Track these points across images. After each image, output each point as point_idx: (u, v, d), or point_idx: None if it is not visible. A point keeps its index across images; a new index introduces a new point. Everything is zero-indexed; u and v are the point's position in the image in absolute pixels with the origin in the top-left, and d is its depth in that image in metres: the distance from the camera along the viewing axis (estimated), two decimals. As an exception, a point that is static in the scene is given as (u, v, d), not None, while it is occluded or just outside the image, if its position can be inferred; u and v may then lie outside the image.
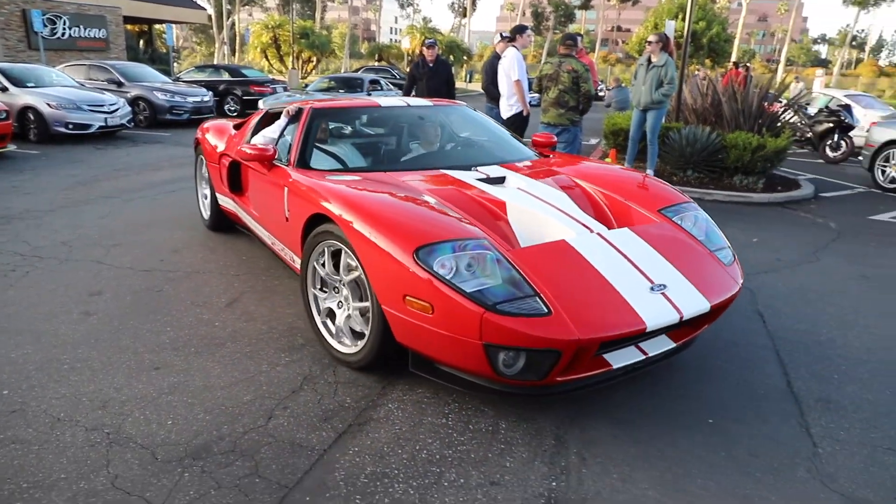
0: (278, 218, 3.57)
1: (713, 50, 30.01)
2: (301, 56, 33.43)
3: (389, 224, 2.62)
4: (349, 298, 2.95)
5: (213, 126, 5.33)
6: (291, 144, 3.74)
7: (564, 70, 6.21)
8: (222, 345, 3.22)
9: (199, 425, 2.51)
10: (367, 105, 4.42)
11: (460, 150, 4.21)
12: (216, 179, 4.90)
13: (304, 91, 14.80)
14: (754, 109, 8.82)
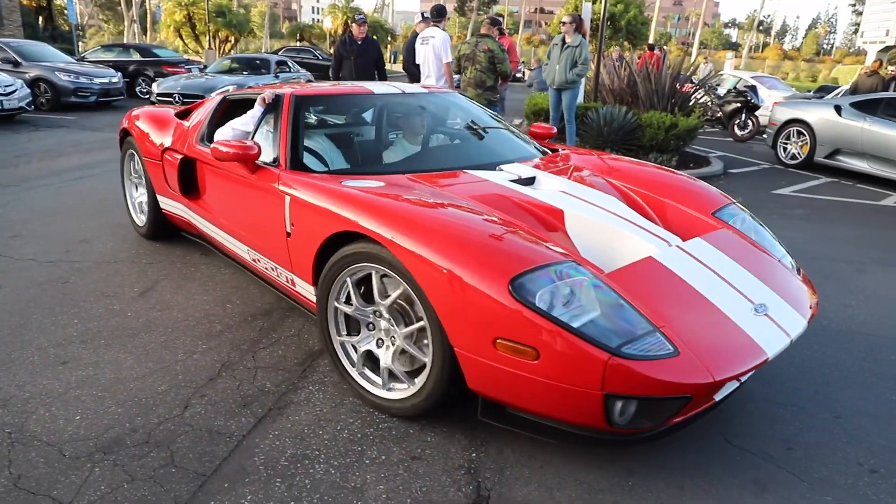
0: (271, 232, 2.94)
1: (631, 32, 30.95)
2: (218, 36, 32.13)
3: (468, 248, 2.10)
4: (392, 329, 2.42)
5: (148, 114, 4.50)
6: (277, 141, 3.13)
7: (481, 50, 6.26)
8: (135, 335, 3.10)
9: (111, 419, 2.42)
10: (358, 92, 3.76)
11: (471, 145, 3.62)
12: (158, 179, 4.16)
13: (204, 74, 13.70)
14: (667, 90, 9.18)
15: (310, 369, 2.82)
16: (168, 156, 4.02)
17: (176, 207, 4.09)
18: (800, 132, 9.22)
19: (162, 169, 4.09)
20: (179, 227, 4.28)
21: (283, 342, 3.06)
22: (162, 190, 4.16)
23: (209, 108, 4.03)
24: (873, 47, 20.01)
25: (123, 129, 4.63)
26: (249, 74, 13.07)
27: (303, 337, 3.12)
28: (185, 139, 3.93)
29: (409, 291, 2.22)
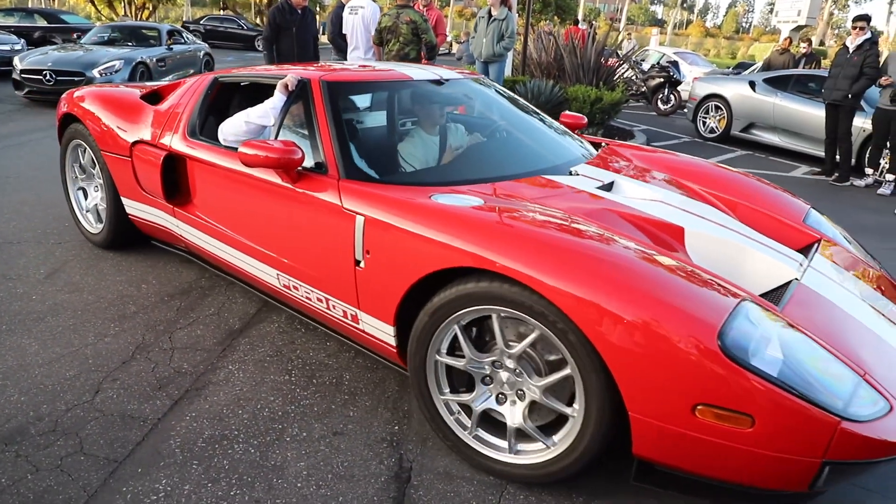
0: (327, 257, 2.37)
1: (560, 7, 31.15)
2: (134, 2, 30.32)
3: (656, 292, 1.70)
4: (521, 381, 1.98)
5: (102, 96, 3.70)
6: (314, 139, 2.54)
7: (403, 21, 6.16)
8: (41, 319, 2.93)
9: (13, 408, 2.29)
10: (396, 78, 3.07)
11: (526, 141, 3.15)
12: (124, 179, 3.44)
13: (79, 45, 10.72)
14: (593, 64, 9.34)
15: (229, 349, 2.75)
16: (141, 151, 3.29)
17: (152, 214, 3.38)
18: (717, 107, 9.60)
19: (131, 167, 3.36)
20: (153, 237, 3.63)
21: (202, 321, 2.97)
22: (130, 192, 3.45)
23: (195, 91, 3.31)
24: (786, 26, 20.98)
25: (66, 114, 3.81)
26: (136, 46, 10.73)
27: (222, 315, 3.04)
28: (166, 130, 3.22)
29: (549, 337, 1.81)
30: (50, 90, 8.81)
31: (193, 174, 3.08)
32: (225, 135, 2.88)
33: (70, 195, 3.99)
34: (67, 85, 8.34)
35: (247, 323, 2.97)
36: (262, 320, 3.01)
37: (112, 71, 9.22)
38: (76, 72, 8.91)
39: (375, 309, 2.24)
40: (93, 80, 8.75)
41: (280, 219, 2.56)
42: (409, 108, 3.14)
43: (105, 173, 3.57)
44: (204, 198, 3.07)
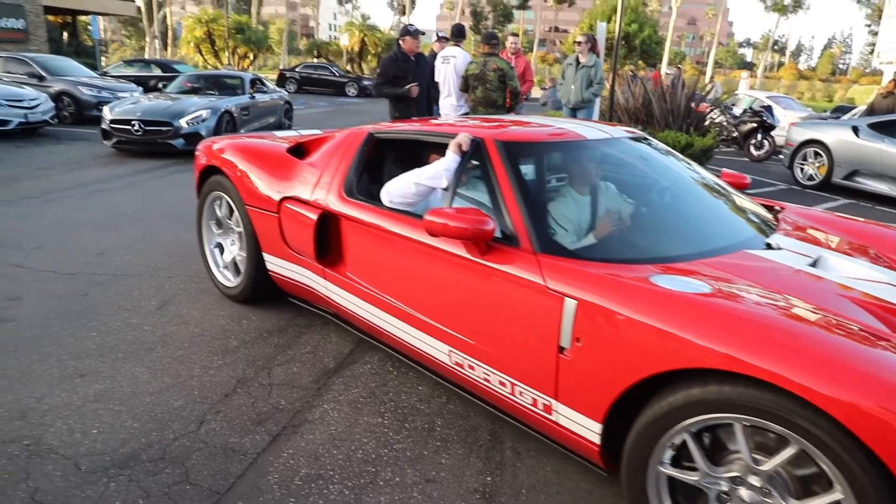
0: (519, 340, 2.14)
1: (645, 52, 30.99)
2: (237, 52, 32.62)
3: None
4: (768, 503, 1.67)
5: (247, 148, 3.64)
6: (498, 206, 2.33)
7: (490, 69, 6.31)
8: (152, 349, 3.12)
9: (127, 433, 2.43)
10: (572, 138, 2.80)
11: (714, 209, 2.85)
12: (269, 235, 3.35)
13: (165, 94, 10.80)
14: (683, 109, 9.18)
15: (324, 388, 2.82)
16: (291, 208, 3.17)
17: (297, 273, 3.26)
18: (817, 153, 9.17)
19: (278, 224, 3.26)
20: (293, 295, 3.49)
21: (298, 359, 3.07)
22: (274, 249, 3.35)
23: (348, 147, 3.16)
24: (889, 67, 19.90)
25: (207, 165, 3.78)
26: (220, 95, 10.56)
27: (318, 354, 3.13)
28: (320, 187, 3.09)
29: (813, 454, 1.53)
30: (138, 140, 8.97)
31: (350, 235, 2.92)
32: (391, 196, 2.69)
33: (205, 246, 3.95)
34: (155, 135, 8.89)
35: (341, 362, 3.05)
36: (356, 361, 3.08)
37: (199, 120, 9.23)
38: (164, 122, 8.98)
39: (579, 402, 1.98)
40: (180, 130, 8.97)
41: (459, 292, 2.35)
42: (583, 168, 2.79)
43: (248, 228, 3.47)
44: (362, 261, 2.89)
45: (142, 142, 8.96)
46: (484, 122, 2.96)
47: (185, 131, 9.00)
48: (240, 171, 3.50)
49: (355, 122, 15.64)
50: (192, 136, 8.92)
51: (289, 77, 26.76)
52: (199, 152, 3.95)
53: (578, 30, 30.26)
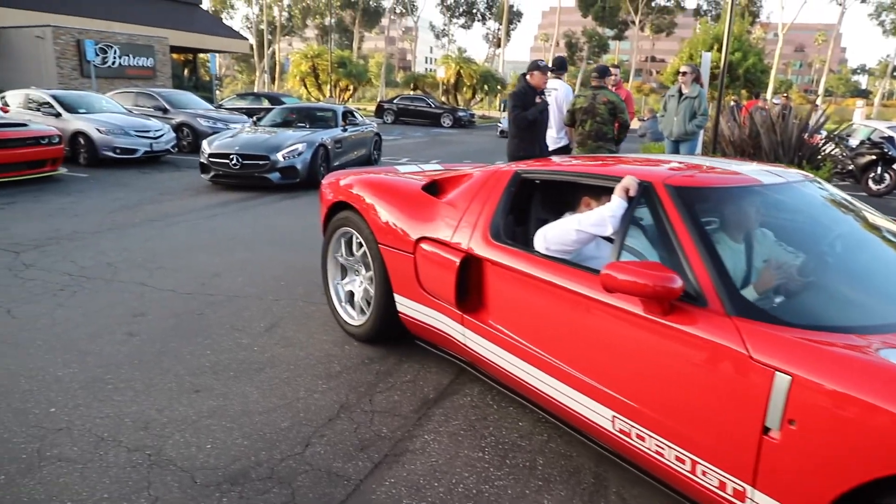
0: (712, 416, 1.89)
1: (749, 81, 29.74)
2: (339, 84, 34.18)
3: None
4: None
5: (380, 185, 3.54)
6: (683, 262, 2.06)
7: (600, 102, 6.26)
8: (261, 370, 3.26)
9: (238, 450, 2.54)
10: (748, 182, 2.50)
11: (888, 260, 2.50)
12: (402, 276, 3.22)
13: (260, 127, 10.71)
14: (794, 141, 8.71)
15: (425, 417, 2.84)
16: (428, 249, 3.02)
17: (431, 318, 3.10)
18: (950, 189, 8.41)
19: (413, 265, 3.12)
20: (423, 338, 3.36)
21: (399, 387, 3.11)
22: (407, 290, 3.22)
23: (493, 187, 2.97)
24: None
25: (336, 201, 3.71)
26: (314, 128, 10.40)
27: (418, 384, 3.15)
28: (462, 229, 2.92)
29: None
30: (236, 174, 8.97)
31: (497, 282, 2.73)
32: (548, 242, 2.51)
33: (329, 283, 3.89)
34: (252, 169, 8.91)
35: (441, 393, 3.06)
36: (456, 392, 3.08)
37: (295, 154, 9.14)
38: (261, 155, 8.92)
39: (787, 495, 1.71)
40: (276, 164, 8.89)
41: (631, 353, 2.12)
42: (764, 217, 2.47)
43: (379, 267, 3.35)
44: (509, 310, 2.68)
45: (239, 175, 9.01)
46: (641, 164, 2.72)
47: (282, 165, 8.99)
48: (372, 209, 3.40)
49: (451, 152, 15.86)
50: (287, 169, 9.05)
51: (386, 108, 27.71)
52: (325, 188, 3.94)
53: (678, 59, 29.54)
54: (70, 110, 11.23)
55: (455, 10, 55.03)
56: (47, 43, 20.08)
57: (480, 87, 34.94)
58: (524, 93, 6.10)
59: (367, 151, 11.78)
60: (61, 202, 7.73)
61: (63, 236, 5.98)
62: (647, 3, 50.24)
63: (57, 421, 2.72)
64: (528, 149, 6.04)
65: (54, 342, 3.54)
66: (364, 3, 53.70)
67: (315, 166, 9.31)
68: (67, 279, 4.67)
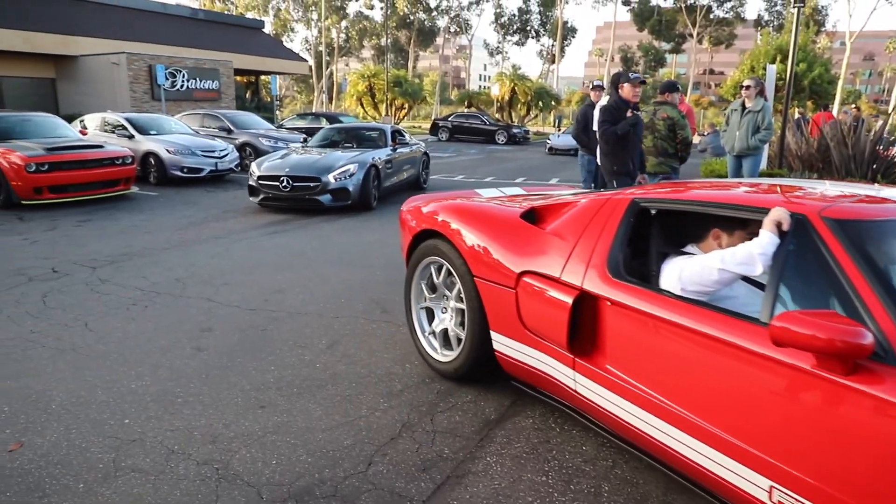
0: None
1: (815, 92, 28.69)
2: (394, 103, 34.74)
3: None
4: None
5: (473, 212, 3.28)
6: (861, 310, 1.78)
7: (659, 118, 6.15)
8: (323, 387, 3.30)
9: (302, 467, 2.57)
10: None
11: None
12: (501, 312, 2.94)
13: (309, 149, 10.38)
14: (867, 155, 8.33)
15: (486, 439, 2.81)
16: (534, 285, 2.74)
17: (535, 358, 2.81)
18: None
19: (514, 301, 2.85)
20: (522, 379, 3.04)
21: (460, 408, 3.09)
22: (507, 327, 2.93)
23: (607, 216, 2.67)
24: None
25: (423, 230, 3.50)
26: (363, 148, 10.13)
27: (479, 404, 3.13)
28: (573, 263, 2.63)
29: None
30: (286, 196, 8.68)
31: (618, 323, 2.43)
32: (684, 282, 2.26)
33: (413, 314, 3.64)
34: (302, 191, 8.59)
35: (502, 414, 3.02)
36: (518, 413, 3.04)
37: (347, 175, 8.80)
38: (312, 177, 8.62)
39: None
40: (328, 186, 8.58)
41: (800, 416, 1.82)
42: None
43: (473, 301, 3.08)
44: (635, 356, 2.37)
45: (289, 198, 8.72)
46: (776, 192, 2.43)
47: (333, 186, 8.67)
48: (466, 238, 3.14)
49: (505, 169, 15.83)
50: (339, 191, 8.74)
51: (441, 126, 27.98)
52: (407, 215, 3.77)
53: (739, 72, 28.79)
54: (142, 132, 11.80)
55: (509, 27, 55.31)
56: (122, 69, 21.21)
57: (535, 103, 34.88)
58: (615, 106, 5.71)
59: (416, 171, 11.42)
60: (133, 220, 8.10)
61: (135, 252, 6.25)
62: (706, 15, 49.22)
63: (131, 432, 2.82)
64: (621, 165, 5.71)
65: (128, 355, 3.69)
66: (419, 24, 54.63)
67: (367, 187, 9.03)
68: (139, 294, 4.87)
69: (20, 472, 2.52)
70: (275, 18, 55.29)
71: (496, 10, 54.06)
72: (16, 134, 9.56)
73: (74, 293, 4.89)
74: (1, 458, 2.61)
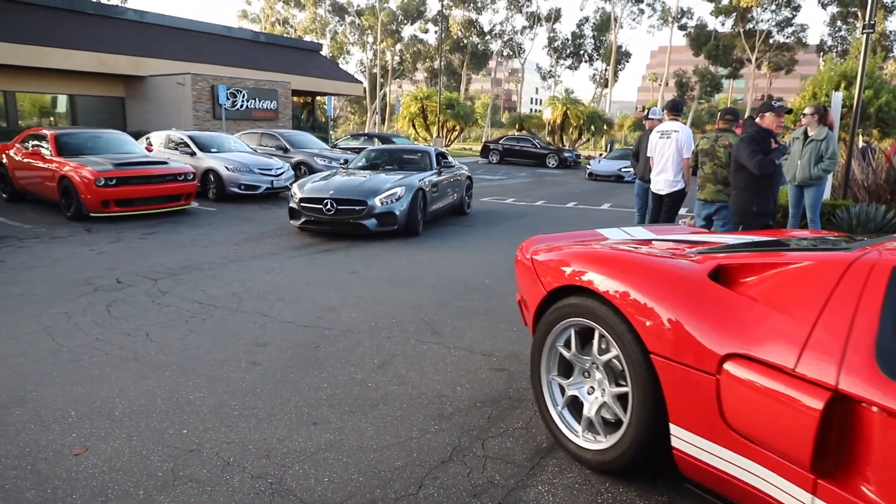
0: None
1: (882, 120, 27.63)
2: (446, 125, 35.12)
3: None
4: None
5: (628, 262, 2.71)
6: None
7: (721, 145, 6.03)
8: (375, 406, 3.32)
9: (353, 486, 2.58)
10: None
11: None
12: (691, 401, 2.27)
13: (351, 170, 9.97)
14: (939, 187, 7.96)
15: (538, 467, 2.76)
16: (747, 373, 2.07)
17: (743, 469, 2.11)
18: None
19: (715, 389, 2.16)
20: (716, 490, 2.27)
21: (512, 434, 3.06)
22: (696, 423, 2.26)
23: (863, 285, 1.98)
24: None
25: (562, 286, 2.90)
26: (407, 170, 9.77)
27: (531, 431, 3.09)
28: (811, 348, 1.95)
29: None
30: (329, 220, 8.26)
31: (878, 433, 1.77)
32: None
33: (542, 382, 3.04)
34: (347, 215, 8.15)
35: (554, 443, 2.97)
36: (570, 442, 2.98)
37: (394, 198, 8.34)
38: (358, 200, 8.20)
39: None
40: (374, 210, 8.14)
41: None
42: None
43: (644, 383, 2.43)
44: None
45: (332, 222, 8.28)
46: None
47: (379, 210, 8.20)
48: (634, 301, 2.49)
49: (556, 193, 15.70)
50: (385, 215, 8.28)
51: (492, 148, 28.08)
52: (532, 262, 3.18)
53: (800, 98, 28.03)
54: (203, 149, 12.25)
55: (562, 51, 55.36)
56: (186, 89, 22.11)
57: (587, 127, 34.69)
58: (759, 137, 5.31)
59: (461, 196, 10.87)
60: (193, 234, 8.38)
61: (194, 266, 6.46)
62: (765, 40, 48.19)
63: (189, 442, 2.90)
64: (763, 204, 5.34)
65: (186, 366, 3.80)
66: (472, 47, 55.25)
67: (414, 212, 8.57)
68: (198, 307, 5.02)
69: (85, 475, 2.61)
70: (332, 41, 56.87)
71: (550, 34, 54.25)
72: (87, 150, 10.08)
73: (137, 304, 5.08)
74: (68, 462, 2.71)
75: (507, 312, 4.97)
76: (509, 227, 9.76)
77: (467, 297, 5.45)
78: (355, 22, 56.91)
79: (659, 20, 51.28)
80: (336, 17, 57.59)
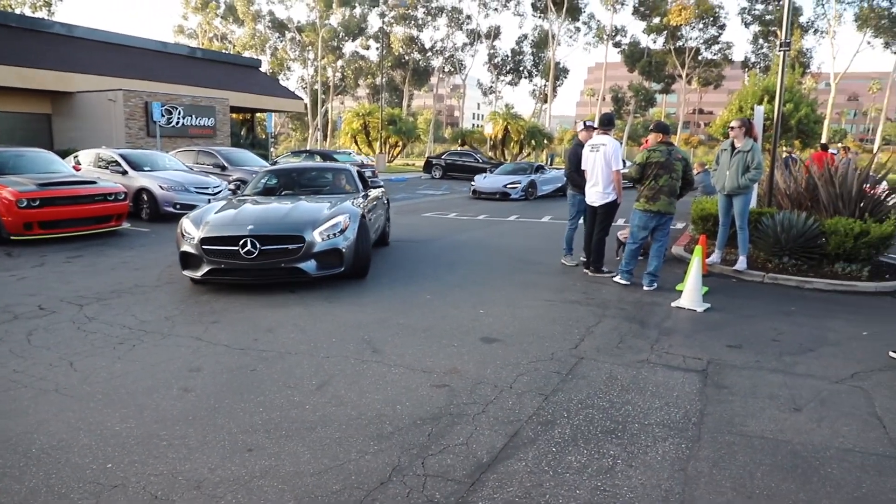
0: None
1: (802, 131, 29.23)
2: (388, 141, 35.09)
3: None
4: None
5: None
6: None
7: (676, 158, 6.30)
8: (312, 429, 3.24)
9: (289, 513, 2.49)
10: None
11: None
12: None
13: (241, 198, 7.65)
14: (854, 193, 8.42)
15: (478, 483, 2.74)
16: None
17: None
18: None
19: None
20: None
21: (452, 451, 3.02)
22: None
23: None
24: None
25: None
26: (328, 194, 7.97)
27: (471, 447, 3.06)
28: None
29: None
30: (249, 267, 6.03)
31: None
32: None
33: None
34: (275, 257, 6.04)
35: (495, 457, 2.96)
36: (510, 456, 2.98)
37: (336, 230, 6.32)
38: (290, 236, 6.10)
39: None
40: (313, 247, 6.10)
41: None
42: None
43: None
44: None
45: (254, 269, 6.05)
46: None
47: (319, 248, 6.16)
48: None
49: (498, 207, 15.82)
50: (327, 254, 6.23)
51: (435, 164, 28.19)
52: None
53: (727, 112, 29.34)
54: (136, 168, 11.82)
55: (503, 68, 56.29)
56: (118, 105, 21.34)
57: (528, 141, 35.32)
58: None
59: (383, 222, 8.96)
60: (124, 256, 8.05)
61: (124, 289, 6.19)
62: (694, 56, 50.33)
63: (113, 477, 2.75)
64: None
65: (113, 395, 3.62)
66: (414, 64, 55.53)
67: (361, 248, 6.60)
68: (127, 332, 4.81)
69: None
70: (272, 57, 56.15)
71: (490, 51, 55.09)
72: (8, 169, 9.56)
73: (60, 331, 4.82)
74: (-23, 505, 2.53)
75: (448, 328, 4.95)
76: (447, 244, 9.77)
77: (407, 314, 5.41)
78: (296, 38, 56.39)
79: (595, 38, 52.89)
80: (276, 34, 56.95)
